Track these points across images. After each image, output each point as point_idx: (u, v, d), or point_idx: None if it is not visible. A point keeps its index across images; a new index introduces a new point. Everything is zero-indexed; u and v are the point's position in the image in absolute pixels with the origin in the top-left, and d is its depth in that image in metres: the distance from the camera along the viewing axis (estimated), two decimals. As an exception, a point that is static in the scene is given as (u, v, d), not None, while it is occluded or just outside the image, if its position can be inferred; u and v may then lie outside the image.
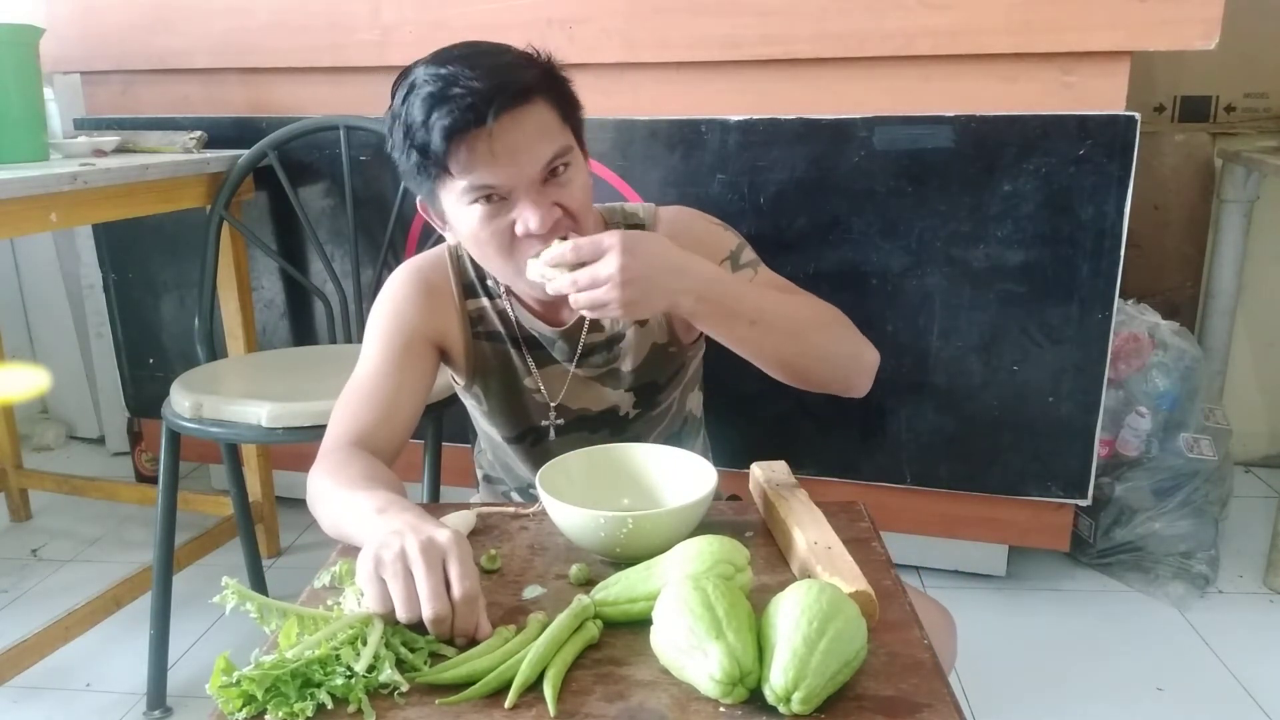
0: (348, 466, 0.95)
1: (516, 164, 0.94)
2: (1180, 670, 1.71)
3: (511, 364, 1.14)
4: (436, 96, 0.92)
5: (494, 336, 1.14)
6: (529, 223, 0.95)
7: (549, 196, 0.97)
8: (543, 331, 1.12)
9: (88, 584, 1.97)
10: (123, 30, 2.07)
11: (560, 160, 0.97)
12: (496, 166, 0.94)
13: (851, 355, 1.04)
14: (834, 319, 1.05)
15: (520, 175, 0.95)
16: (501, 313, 1.13)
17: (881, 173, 1.72)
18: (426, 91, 0.93)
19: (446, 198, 0.99)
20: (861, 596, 0.72)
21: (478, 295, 1.13)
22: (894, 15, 1.64)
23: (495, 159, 0.94)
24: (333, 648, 0.69)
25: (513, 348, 1.14)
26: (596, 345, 1.13)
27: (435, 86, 0.93)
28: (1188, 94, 2.41)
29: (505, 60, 0.96)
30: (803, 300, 1.06)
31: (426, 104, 0.93)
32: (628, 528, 0.81)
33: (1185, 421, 2.00)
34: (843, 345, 1.04)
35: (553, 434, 1.16)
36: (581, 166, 1.01)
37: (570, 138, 1.00)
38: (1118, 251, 1.66)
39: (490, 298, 1.13)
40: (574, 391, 1.15)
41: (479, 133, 0.92)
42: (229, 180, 1.90)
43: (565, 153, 0.97)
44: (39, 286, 2.77)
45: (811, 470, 1.88)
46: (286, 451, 2.21)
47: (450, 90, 0.92)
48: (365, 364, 1.08)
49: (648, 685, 0.67)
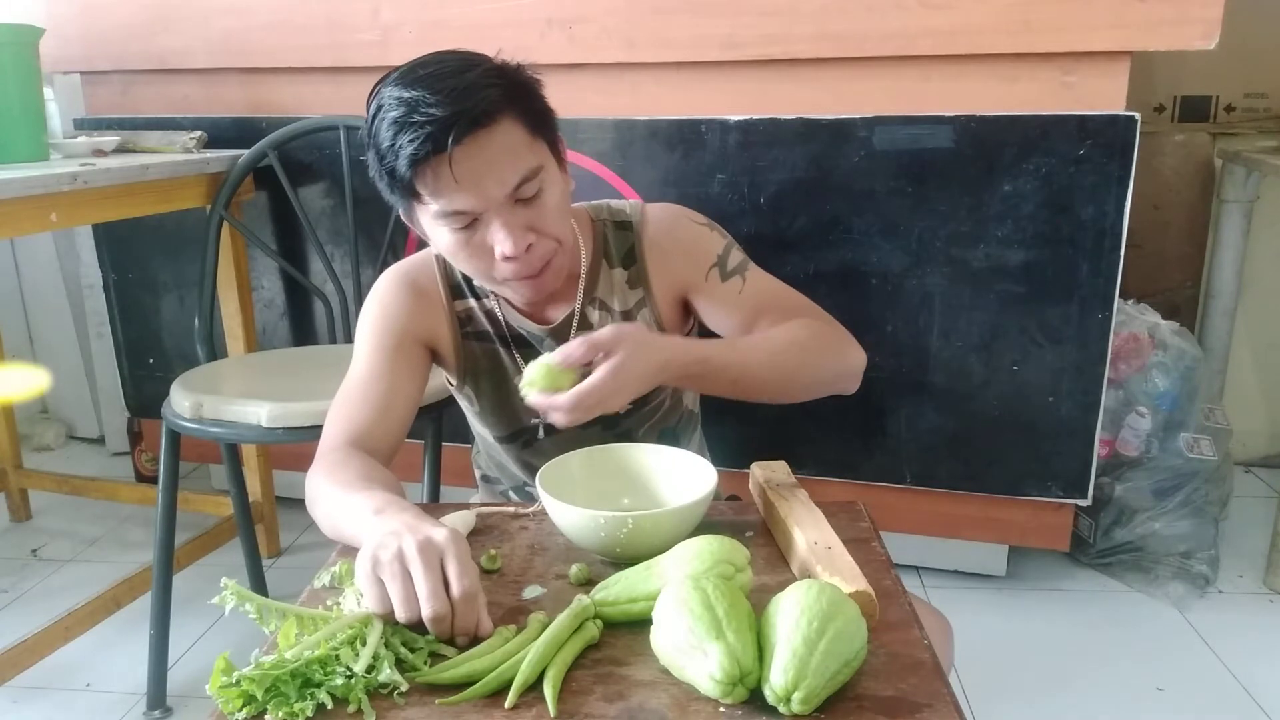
0: (345, 467, 0.95)
1: (481, 189, 0.95)
2: (1180, 670, 1.71)
3: (501, 364, 1.15)
4: (400, 123, 0.92)
5: (483, 336, 1.14)
6: (503, 247, 0.96)
7: (520, 219, 0.97)
8: (531, 330, 1.13)
9: (88, 584, 1.97)
10: (123, 30, 2.08)
11: (529, 181, 0.97)
12: (461, 192, 0.94)
13: (834, 370, 1.07)
14: (813, 338, 1.05)
15: (486, 199, 0.95)
16: (489, 313, 1.14)
17: (881, 173, 1.72)
18: (391, 117, 0.93)
19: (422, 217, 1.01)
20: (861, 596, 0.72)
21: (465, 296, 1.14)
22: (894, 15, 1.64)
23: (459, 185, 0.94)
24: (332, 648, 0.69)
25: (502, 347, 1.14)
26: None
27: (399, 112, 0.93)
28: (1188, 94, 2.41)
29: (469, 80, 0.93)
30: (780, 332, 1.05)
31: (391, 130, 0.93)
32: (628, 528, 0.81)
33: (1185, 421, 2.00)
34: (824, 363, 1.05)
35: (542, 433, 1.16)
36: (556, 181, 1.01)
37: (542, 154, 0.99)
38: (1118, 251, 1.66)
39: (478, 298, 1.14)
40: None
41: (440, 159, 0.92)
42: (229, 180, 1.90)
43: (534, 174, 0.97)
44: (39, 286, 2.77)
45: (811, 470, 1.88)
46: (286, 451, 2.21)
47: (411, 116, 0.92)
48: (358, 366, 1.09)
49: (648, 685, 0.67)
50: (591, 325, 1.12)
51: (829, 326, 1.08)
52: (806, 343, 1.04)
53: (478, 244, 0.98)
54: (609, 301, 1.13)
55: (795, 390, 1.04)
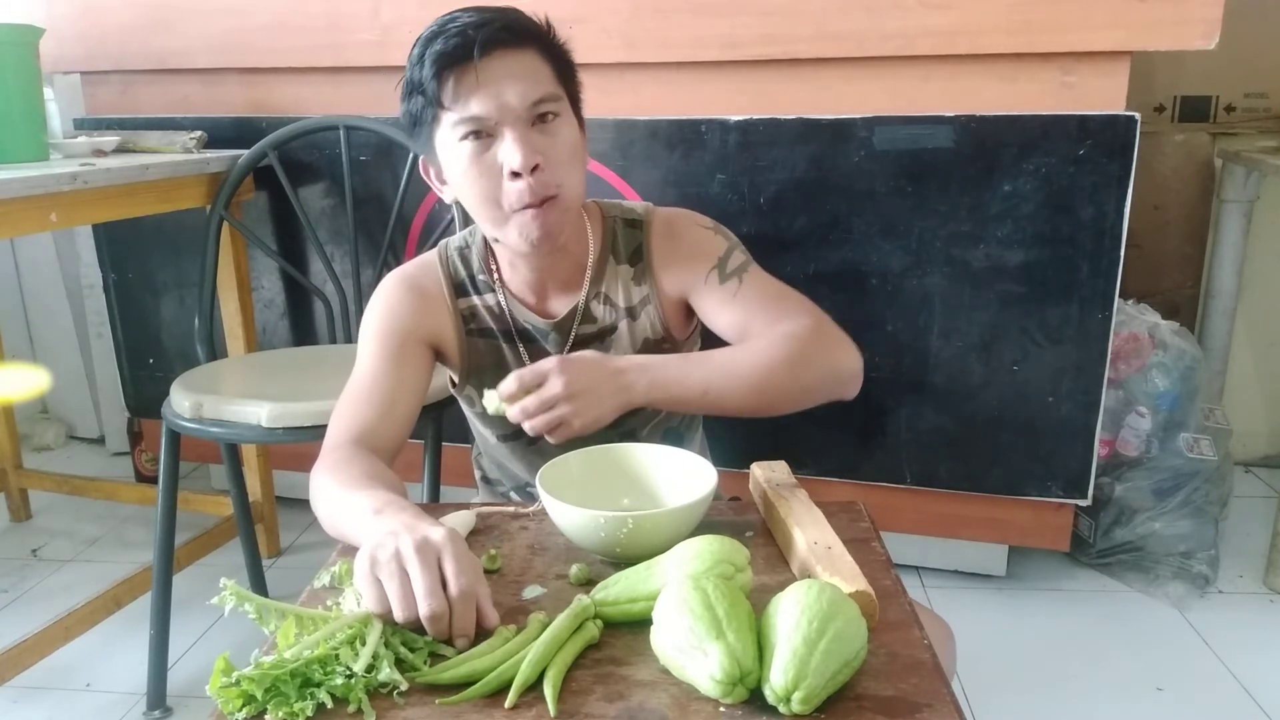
0: (348, 466, 0.96)
1: (501, 96, 0.97)
2: (1180, 670, 1.71)
3: (505, 360, 1.15)
4: (434, 34, 0.98)
5: (487, 333, 1.15)
6: (510, 159, 0.97)
7: (533, 142, 0.99)
8: (535, 324, 1.13)
9: (88, 584, 1.98)
10: (123, 30, 2.08)
11: (548, 106, 1.00)
12: (482, 96, 0.97)
13: (822, 378, 1.04)
14: (801, 347, 1.02)
15: (505, 109, 0.97)
16: (492, 308, 1.14)
17: (881, 173, 1.72)
18: (426, 34, 0.99)
19: (442, 142, 1.02)
20: (861, 596, 0.72)
21: (469, 294, 1.14)
22: (894, 15, 1.64)
23: (480, 88, 0.97)
24: (331, 648, 0.69)
25: (506, 343, 1.15)
26: (588, 337, 1.13)
27: (434, 28, 0.99)
28: (1188, 94, 2.41)
29: (506, 10, 1.00)
30: (761, 344, 1.03)
31: (424, 43, 0.99)
32: (628, 528, 0.81)
33: (1185, 421, 2.00)
34: (811, 371, 1.03)
35: None
36: (571, 125, 1.04)
37: (562, 92, 1.03)
38: (1118, 251, 1.66)
39: (481, 294, 1.14)
40: None
41: (467, 65, 0.96)
42: (229, 180, 1.90)
43: (553, 100, 1.00)
44: (39, 286, 2.77)
45: (811, 470, 1.88)
46: (286, 451, 2.21)
47: (445, 28, 0.98)
48: (362, 366, 1.10)
49: (648, 685, 0.67)
50: (595, 319, 1.13)
51: (818, 333, 1.05)
52: (790, 354, 1.01)
53: (488, 162, 0.99)
54: (614, 296, 1.13)
55: (781, 403, 1.03)
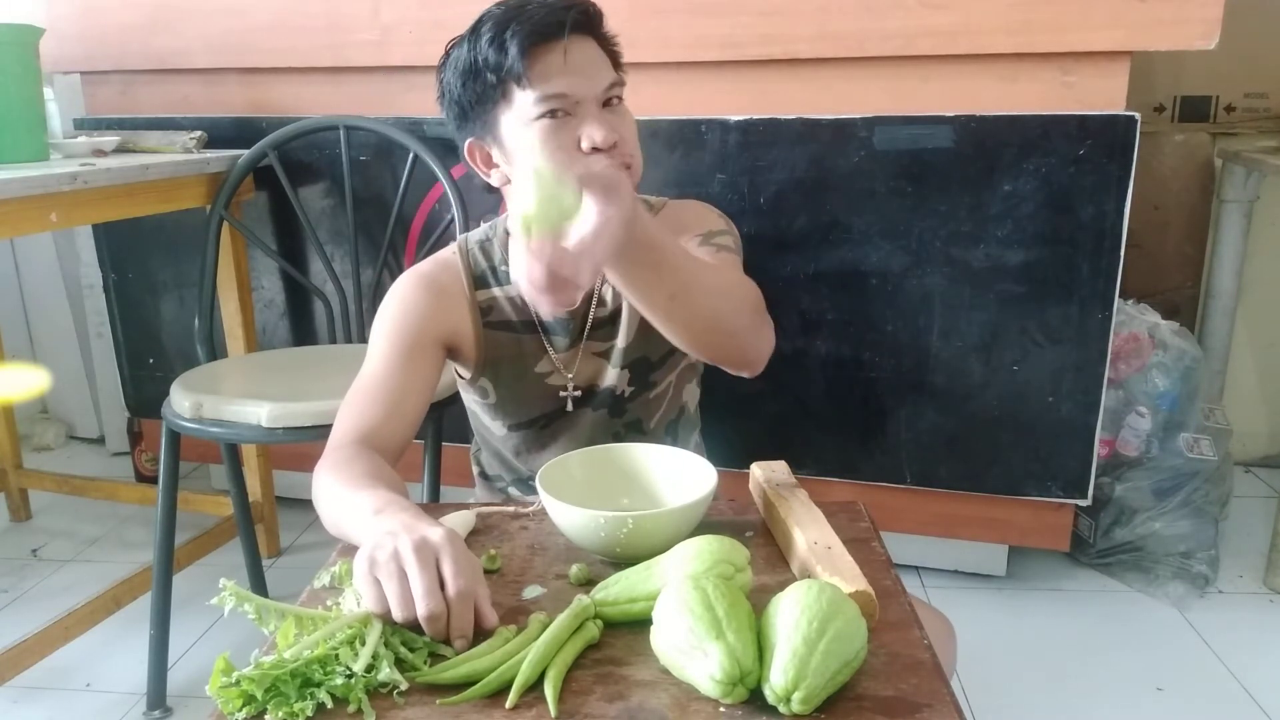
0: (351, 465, 0.96)
1: (587, 75, 1.01)
2: (1180, 670, 1.71)
3: (523, 349, 1.16)
4: (514, 13, 1.00)
5: (506, 325, 1.16)
6: (594, 135, 1.00)
7: (609, 119, 1.02)
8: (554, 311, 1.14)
9: (88, 584, 1.98)
10: (123, 30, 2.07)
11: (617, 91, 1.04)
12: (570, 75, 0.99)
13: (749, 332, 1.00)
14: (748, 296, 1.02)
15: (590, 87, 1.01)
16: (514, 299, 1.15)
17: (881, 173, 1.72)
18: (501, 13, 1.01)
19: (508, 121, 1.03)
20: (861, 596, 0.72)
21: (489, 285, 1.16)
22: (894, 15, 1.64)
23: (568, 68, 0.99)
24: (331, 648, 0.69)
25: (525, 333, 1.16)
26: (601, 320, 1.16)
27: (507, 12, 1.00)
28: (1188, 94, 2.41)
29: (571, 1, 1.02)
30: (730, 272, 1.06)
31: (502, 22, 1.00)
32: (628, 528, 0.81)
33: (1185, 421, 1.99)
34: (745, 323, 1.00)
35: (570, 405, 1.18)
36: (630, 112, 1.08)
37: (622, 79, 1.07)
38: (1118, 251, 1.66)
39: (502, 284, 1.15)
40: (581, 370, 1.18)
41: (556, 44, 0.99)
42: (229, 180, 1.90)
43: (620, 85, 1.05)
44: (39, 286, 2.77)
45: (811, 470, 1.88)
46: (286, 451, 2.21)
47: (527, 7, 1.00)
48: (371, 363, 1.10)
49: (648, 685, 0.67)
50: (606, 304, 1.16)
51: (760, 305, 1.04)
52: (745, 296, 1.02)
53: (562, 139, 1.01)
54: None
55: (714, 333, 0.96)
